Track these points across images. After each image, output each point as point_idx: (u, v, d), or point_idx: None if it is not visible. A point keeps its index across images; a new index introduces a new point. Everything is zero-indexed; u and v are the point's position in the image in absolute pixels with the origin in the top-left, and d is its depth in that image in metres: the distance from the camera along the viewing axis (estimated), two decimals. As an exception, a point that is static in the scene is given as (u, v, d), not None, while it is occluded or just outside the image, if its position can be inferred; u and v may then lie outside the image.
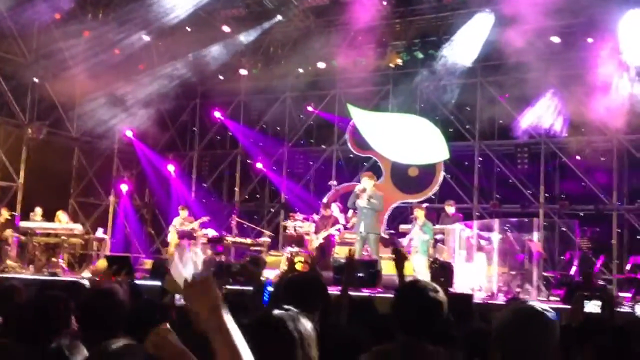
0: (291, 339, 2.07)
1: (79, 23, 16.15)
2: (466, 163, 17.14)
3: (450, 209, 13.17)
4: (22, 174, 16.81)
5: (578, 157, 15.67)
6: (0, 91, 15.78)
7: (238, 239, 14.80)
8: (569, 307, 5.05)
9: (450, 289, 10.31)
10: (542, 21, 14.10)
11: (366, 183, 11.69)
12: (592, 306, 3.91)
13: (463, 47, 15.41)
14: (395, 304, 2.96)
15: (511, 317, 2.40)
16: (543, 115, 15.22)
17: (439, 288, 2.94)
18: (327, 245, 13.29)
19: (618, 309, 6.38)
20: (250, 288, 6.27)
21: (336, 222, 13.46)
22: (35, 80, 16.74)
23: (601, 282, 10.75)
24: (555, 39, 14.26)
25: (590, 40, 13.86)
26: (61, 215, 14.48)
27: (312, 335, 2.12)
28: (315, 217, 13.99)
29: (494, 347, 2.37)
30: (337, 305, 4.24)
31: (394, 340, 2.83)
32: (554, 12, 13.72)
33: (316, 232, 13.40)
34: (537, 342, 2.31)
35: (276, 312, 2.17)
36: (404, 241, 12.53)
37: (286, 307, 2.23)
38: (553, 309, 2.48)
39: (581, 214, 15.57)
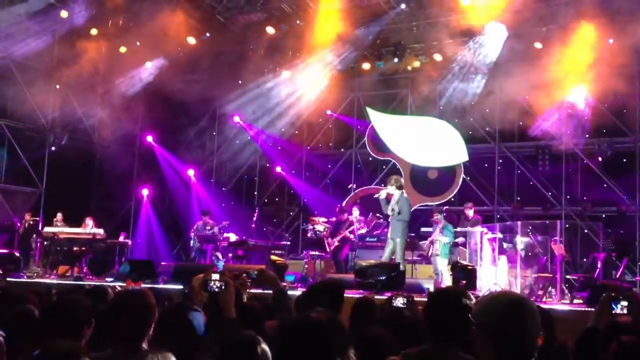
0: None
1: (98, 31, 16.33)
2: (486, 165, 17.04)
3: (469, 211, 13.08)
4: (44, 179, 16.99)
5: (600, 159, 15.51)
6: (23, 98, 15.95)
7: (259, 243, 14.84)
8: (592, 309, 4.98)
9: (473, 293, 10.27)
10: (561, 21, 14.01)
11: (391, 188, 11.54)
12: (619, 308, 3.86)
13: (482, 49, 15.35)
14: (427, 308, 2.94)
15: (500, 306, 2.28)
16: (563, 116, 15.09)
17: (470, 295, 2.92)
18: (341, 249, 13.28)
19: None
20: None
21: (351, 224, 13.43)
22: (57, 86, 16.92)
23: (626, 284, 10.63)
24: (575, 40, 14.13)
25: (610, 41, 13.71)
26: (88, 220, 14.57)
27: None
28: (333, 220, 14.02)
29: (484, 337, 2.25)
30: None
31: (423, 345, 2.82)
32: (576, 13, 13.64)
33: (332, 236, 13.42)
34: (528, 327, 2.23)
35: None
36: (425, 244, 12.48)
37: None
38: (577, 312, 2.42)
39: (604, 215, 15.40)
